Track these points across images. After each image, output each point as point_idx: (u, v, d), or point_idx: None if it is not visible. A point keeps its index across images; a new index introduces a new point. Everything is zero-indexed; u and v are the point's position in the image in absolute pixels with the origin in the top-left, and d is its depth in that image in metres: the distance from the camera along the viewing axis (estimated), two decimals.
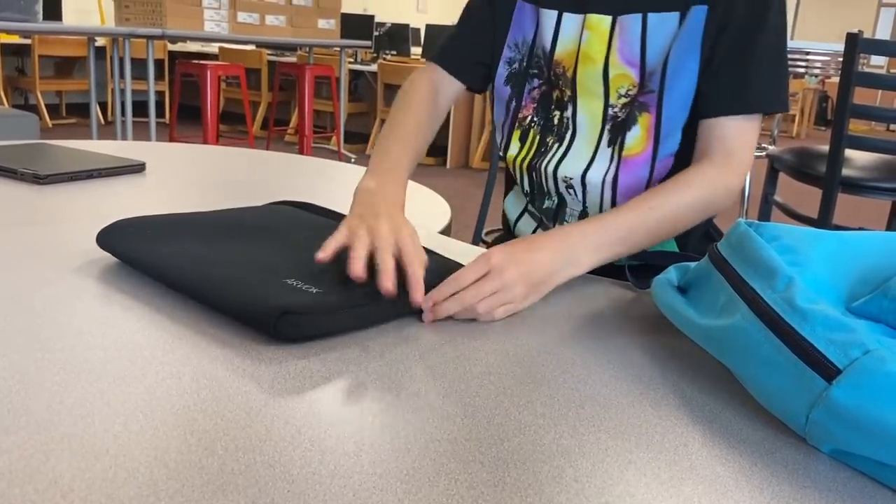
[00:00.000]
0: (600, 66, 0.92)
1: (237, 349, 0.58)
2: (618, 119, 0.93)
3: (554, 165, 0.97)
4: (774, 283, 0.54)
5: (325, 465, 0.43)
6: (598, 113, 0.94)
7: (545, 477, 0.44)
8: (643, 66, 0.91)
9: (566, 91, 0.96)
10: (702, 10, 0.88)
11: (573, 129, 0.96)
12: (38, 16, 3.39)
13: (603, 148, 0.94)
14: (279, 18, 4.52)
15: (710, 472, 0.46)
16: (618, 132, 0.93)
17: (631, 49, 0.91)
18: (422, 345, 0.62)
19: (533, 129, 0.99)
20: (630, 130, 0.92)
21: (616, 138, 0.93)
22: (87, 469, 0.41)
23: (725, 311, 0.57)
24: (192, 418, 0.47)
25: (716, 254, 0.63)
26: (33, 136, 3.26)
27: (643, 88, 0.91)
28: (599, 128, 0.94)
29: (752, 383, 0.54)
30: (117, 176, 1.15)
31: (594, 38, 0.92)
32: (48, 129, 6.48)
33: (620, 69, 0.91)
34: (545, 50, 0.96)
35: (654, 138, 0.92)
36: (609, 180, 0.94)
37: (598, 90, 0.93)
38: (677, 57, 0.89)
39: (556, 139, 0.97)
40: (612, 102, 0.93)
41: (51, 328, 0.59)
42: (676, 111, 0.90)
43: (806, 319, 0.50)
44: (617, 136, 0.93)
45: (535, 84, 0.99)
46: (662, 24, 0.89)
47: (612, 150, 0.94)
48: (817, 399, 0.47)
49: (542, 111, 0.98)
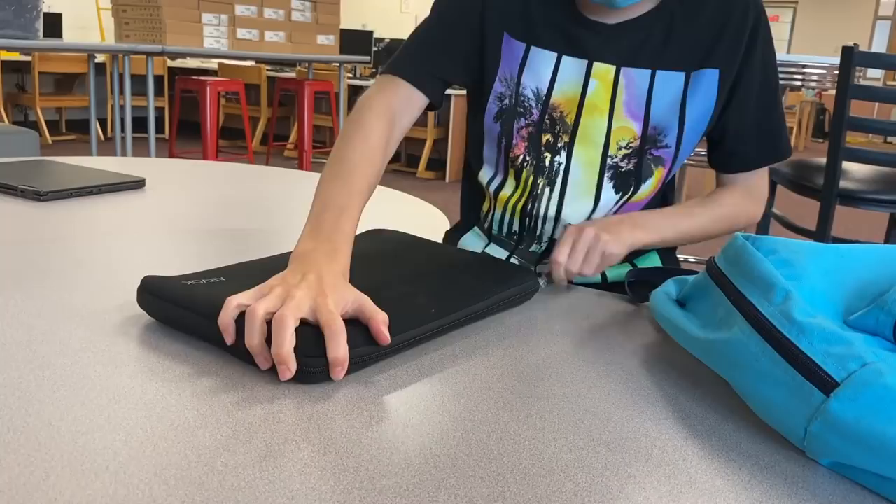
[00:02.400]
0: (605, 116, 0.91)
1: (236, 365, 0.58)
2: (620, 169, 0.93)
3: (555, 209, 0.95)
4: (772, 296, 0.54)
5: (324, 482, 0.43)
6: (595, 161, 0.93)
7: (545, 491, 0.44)
8: (646, 121, 0.91)
9: (563, 137, 0.93)
10: (713, 73, 0.90)
11: (564, 174, 0.94)
12: (38, 33, 3.41)
13: (607, 195, 0.94)
14: (278, 34, 4.54)
15: (710, 486, 0.46)
16: (627, 182, 0.94)
17: (637, 103, 0.91)
18: (421, 361, 0.62)
19: (526, 170, 0.95)
20: (645, 182, 0.94)
21: (627, 188, 0.94)
22: (86, 486, 0.41)
23: (723, 325, 0.58)
24: (191, 434, 0.47)
25: (714, 267, 0.63)
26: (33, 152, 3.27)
27: (655, 143, 0.92)
28: (597, 176, 0.93)
29: (750, 396, 0.54)
30: (117, 192, 1.15)
31: (601, 87, 0.91)
32: (48, 145, 6.50)
33: (624, 122, 0.91)
34: (539, 91, 0.93)
35: (661, 186, 0.96)
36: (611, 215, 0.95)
37: (599, 140, 0.92)
38: (693, 118, 0.91)
39: (548, 182, 0.95)
40: (611, 153, 0.92)
41: (50, 345, 0.59)
42: (682, 160, 0.96)
43: (803, 332, 0.50)
44: (627, 186, 0.94)
45: (522, 123, 0.95)
46: (669, 82, 0.90)
47: (619, 197, 0.94)
48: (815, 412, 0.47)
49: (534, 152, 0.95)
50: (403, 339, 0.61)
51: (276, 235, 0.95)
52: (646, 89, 0.90)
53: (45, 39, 3.78)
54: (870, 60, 2.04)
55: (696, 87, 0.90)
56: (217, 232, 0.96)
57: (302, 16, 4.67)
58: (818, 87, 2.92)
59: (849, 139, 2.02)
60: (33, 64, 6.38)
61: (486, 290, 0.72)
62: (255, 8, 4.40)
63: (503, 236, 1.01)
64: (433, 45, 0.95)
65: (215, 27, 4.20)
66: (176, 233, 0.94)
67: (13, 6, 3.25)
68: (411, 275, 0.74)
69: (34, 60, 6.35)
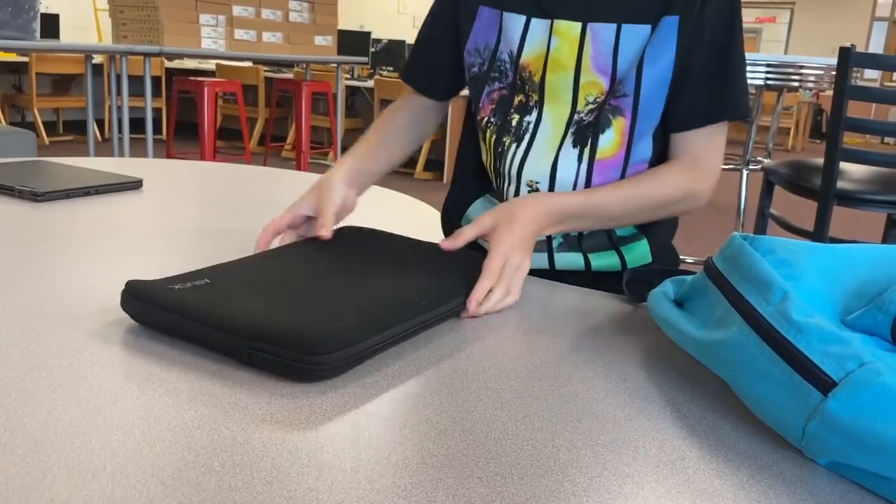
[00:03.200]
0: (571, 72, 0.92)
1: (234, 365, 0.58)
2: (582, 122, 0.93)
3: (517, 168, 0.96)
4: (769, 295, 0.54)
5: (322, 482, 0.43)
6: (563, 118, 0.94)
7: (543, 492, 0.44)
8: (614, 74, 0.91)
9: (533, 96, 0.95)
10: (673, 19, 0.89)
11: (532, 133, 0.95)
12: (35, 34, 3.41)
13: (567, 149, 0.94)
14: (276, 35, 4.54)
15: (708, 486, 0.46)
16: (584, 134, 0.93)
17: (604, 58, 0.91)
18: (419, 360, 0.62)
19: (489, 130, 0.99)
20: (604, 133, 0.93)
21: (585, 140, 0.93)
22: (83, 486, 0.41)
23: (721, 325, 0.58)
24: (189, 435, 0.47)
25: (712, 267, 0.63)
26: (30, 153, 3.26)
27: (616, 93, 0.92)
28: (562, 131, 0.94)
29: (748, 396, 0.54)
30: (114, 193, 1.15)
31: (564, 44, 0.92)
32: (45, 146, 6.49)
33: (592, 77, 0.92)
34: (511, 54, 0.96)
35: (627, 142, 0.94)
36: (581, 183, 0.94)
37: (567, 96, 0.93)
38: (651, 63, 0.90)
39: (514, 139, 0.96)
40: (579, 109, 0.93)
41: (47, 345, 0.59)
42: (649, 116, 0.93)
43: (801, 332, 0.50)
44: (585, 139, 0.93)
45: (494, 87, 0.98)
46: (635, 35, 0.90)
47: (578, 152, 0.94)
48: (814, 412, 0.47)
49: (500, 113, 0.98)
50: (400, 331, 0.63)
51: None
52: (612, 44, 0.91)
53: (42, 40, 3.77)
54: (867, 61, 2.05)
55: (657, 35, 0.89)
56: (214, 232, 0.96)
57: (300, 16, 4.67)
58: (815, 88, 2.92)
59: (846, 140, 2.02)
60: (30, 65, 6.37)
61: (469, 283, 0.74)
62: (252, 9, 4.40)
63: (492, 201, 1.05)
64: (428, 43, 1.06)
65: (213, 28, 4.20)
66: (173, 233, 0.94)
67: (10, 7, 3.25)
68: (392, 270, 0.75)
69: (31, 61, 6.35)
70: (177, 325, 0.61)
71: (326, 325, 0.59)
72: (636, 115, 0.92)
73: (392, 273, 0.74)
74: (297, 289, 0.67)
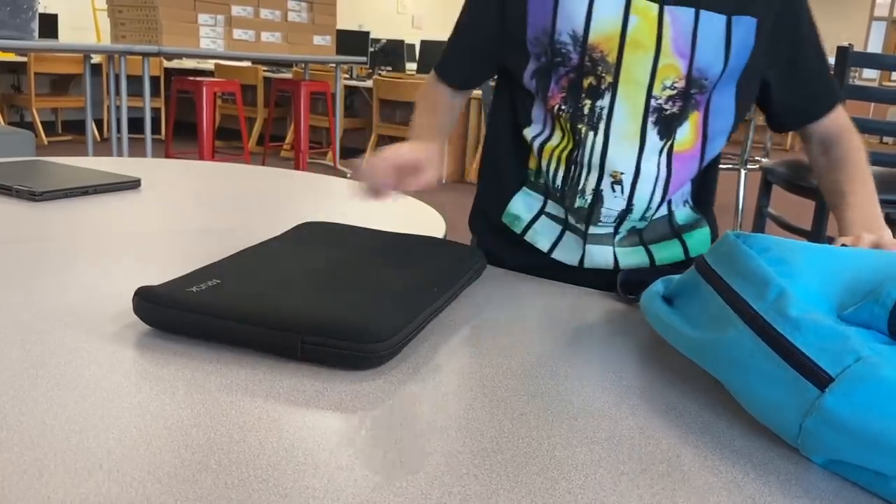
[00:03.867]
0: (651, 52, 0.89)
1: (231, 364, 0.58)
2: (664, 112, 0.91)
3: (599, 158, 0.92)
4: (766, 292, 0.54)
5: (318, 479, 0.43)
6: (639, 102, 0.91)
7: (538, 489, 0.44)
8: (692, 60, 0.90)
9: (606, 77, 0.91)
10: (751, 21, 0.89)
11: (608, 119, 0.92)
12: (34, 34, 3.40)
13: (653, 140, 0.92)
14: (275, 35, 4.54)
15: (703, 483, 0.46)
16: (670, 126, 0.92)
17: (684, 41, 0.89)
18: (415, 358, 0.62)
19: (562, 117, 0.94)
20: (682, 125, 0.92)
21: (670, 133, 0.92)
22: (80, 484, 0.41)
23: (716, 323, 0.58)
24: (185, 433, 0.47)
25: (704, 265, 0.63)
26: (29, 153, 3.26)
27: (695, 85, 0.91)
28: (641, 118, 0.91)
29: (743, 395, 0.54)
30: (113, 192, 1.15)
31: (643, 23, 0.89)
32: (44, 146, 6.49)
33: (671, 59, 0.90)
34: (574, 34, 0.91)
35: (702, 137, 0.94)
36: (663, 175, 0.93)
37: (644, 79, 0.90)
38: (733, 63, 0.91)
39: (590, 128, 0.92)
40: (655, 93, 0.90)
41: (44, 344, 0.59)
42: (721, 115, 0.94)
43: (798, 329, 0.50)
44: (671, 131, 0.92)
45: (560, 72, 0.94)
46: (711, 23, 0.89)
47: (662, 144, 0.92)
48: (810, 408, 0.47)
49: (572, 100, 0.93)
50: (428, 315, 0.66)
51: (272, 234, 0.95)
52: (691, 27, 0.89)
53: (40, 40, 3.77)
54: (865, 61, 2.05)
55: (736, 33, 0.90)
56: (213, 232, 0.96)
57: (298, 16, 4.67)
58: None
59: None
60: (29, 65, 6.37)
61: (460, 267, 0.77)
62: (251, 8, 4.41)
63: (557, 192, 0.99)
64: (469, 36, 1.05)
65: (211, 28, 4.20)
66: (171, 233, 0.94)
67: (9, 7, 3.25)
68: (386, 260, 0.76)
69: (30, 61, 6.34)
70: (208, 327, 0.60)
71: (374, 314, 0.61)
72: (708, 110, 0.93)
73: (388, 263, 0.75)
74: (314, 282, 0.68)
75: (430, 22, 10.85)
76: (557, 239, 1.00)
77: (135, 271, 0.78)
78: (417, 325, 0.64)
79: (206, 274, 0.68)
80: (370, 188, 0.83)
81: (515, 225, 1.02)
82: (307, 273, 0.70)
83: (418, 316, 0.64)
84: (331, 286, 0.67)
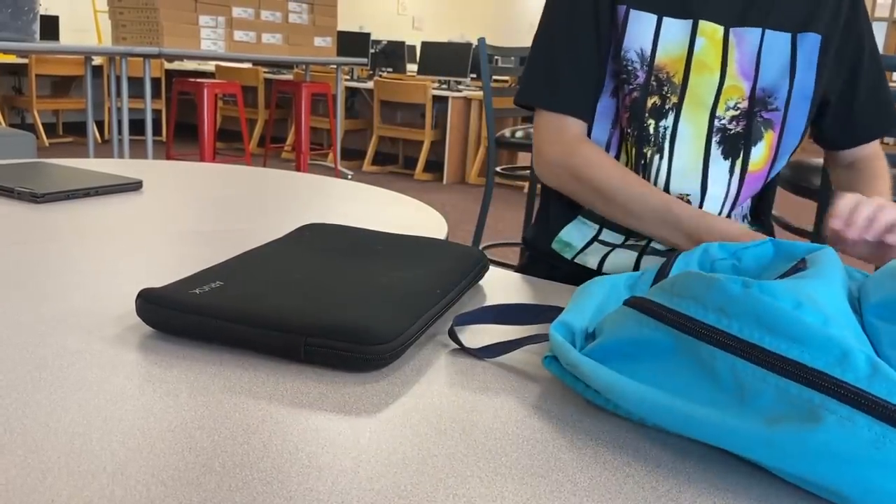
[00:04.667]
0: (717, 75, 0.90)
1: (234, 366, 0.58)
2: (728, 132, 0.91)
3: (664, 181, 0.92)
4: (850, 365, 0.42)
5: (322, 482, 0.43)
6: (703, 123, 0.91)
7: (543, 492, 0.44)
8: (755, 81, 0.91)
9: (671, 98, 0.91)
10: (815, 38, 0.90)
11: (672, 140, 0.91)
12: (35, 35, 3.41)
13: (717, 161, 0.91)
14: (276, 36, 4.55)
15: (708, 486, 0.46)
16: (736, 146, 0.91)
17: (749, 62, 0.90)
18: (418, 360, 0.62)
19: (628, 141, 0.93)
20: (755, 146, 0.92)
21: (736, 152, 0.91)
22: (84, 487, 0.41)
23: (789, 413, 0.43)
24: (189, 435, 0.47)
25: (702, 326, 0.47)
26: (30, 154, 3.27)
27: (759, 104, 0.91)
28: (705, 139, 0.91)
29: (859, 494, 0.41)
30: (114, 194, 1.15)
31: (710, 46, 0.90)
32: (45, 147, 6.50)
33: (735, 81, 0.90)
34: (642, 53, 0.91)
35: (773, 156, 0.94)
36: (732, 196, 0.93)
37: (709, 100, 0.91)
38: (800, 80, 0.91)
39: (656, 151, 0.92)
40: (719, 114, 0.91)
41: (47, 346, 0.59)
42: (794, 132, 0.94)
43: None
44: (737, 150, 0.91)
45: (626, 91, 0.93)
46: (776, 42, 0.90)
47: (730, 164, 0.92)
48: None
49: (636, 121, 0.93)
50: (431, 316, 0.66)
51: (273, 236, 0.95)
52: (756, 48, 0.90)
53: (41, 42, 3.77)
54: None
55: (802, 51, 0.90)
56: (214, 233, 0.96)
57: (299, 18, 4.67)
58: None
59: None
60: (30, 66, 6.38)
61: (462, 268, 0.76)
62: (252, 10, 4.41)
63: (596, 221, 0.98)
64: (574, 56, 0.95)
65: (212, 29, 4.20)
66: (173, 234, 0.94)
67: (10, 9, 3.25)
68: (387, 261, 0.76)
69: (31, 63, 6.35)
70: (211, 329, 0.60)
71: (377, 316, 0.60)
72: (783, 130, 0.93)
73: (391, 265, 0.75)
74: (317, 284, 0.68)
75: (431, 23, 10.86)
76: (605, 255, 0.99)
77: (137, 273, 0.78)
78: (421, 326, 0.63)
79: (209, 276, 0.68)
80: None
81: (566, 251, 1.01)
82: (310, 275, 0.70)
83: (421, 318, 0.64)
84: (334, 288, 0.67)
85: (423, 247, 0.82)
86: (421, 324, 0.64)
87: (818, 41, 0.91)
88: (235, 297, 0.63)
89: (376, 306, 0.63)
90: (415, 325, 0.62)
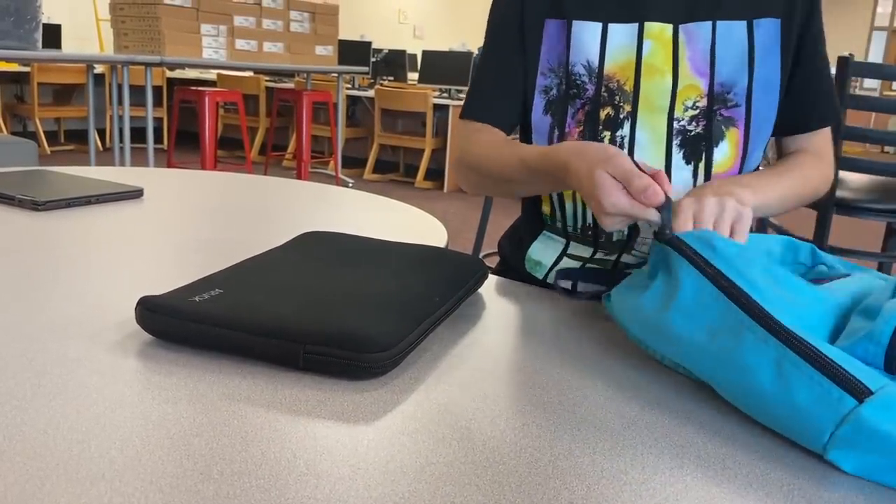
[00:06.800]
0: (669, 76, 0.88)
1: (233, 374, 0.58)
2: (689, 133, 0.89)
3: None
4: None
5: (320, 490, 0.43)
6: (660, 127, 0.89)
7: (540, 500, 0.44)
8: (712, 76, 0.88)
9: (624, 107, 0.89)
10: (773, 23, 0.87)
11: (630, 149, 0.89)
12: (37, 44, 3.42)
13: (679, 166, 0.89)
14: (277, 45, 4.56)
15: (705, 493, 0.46)
16: (697, 148, 0.89)
17: (703, 58, 0.88)
18: (417, 368, 0.62)
19: None
20: (717, 146, 0.89)
21: (698, 154, 0.89)
22: (82, 494, 0.41)
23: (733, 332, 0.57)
24: (187, 442, 0.47)
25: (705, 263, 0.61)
26: (32, 162, 3.27)
27: (718, 101, 0.88)
28: (665, 143, 0.89)
29: (755, 400, 0.54)
30: (115, 202, 1.15)
31: (658, 47, 0.87)
32: (46, 155, 6.51)
33: (690, 80, 0.88)
34: (589, 65, 0.89)
35: (741, 154, 0.91)
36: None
37: (664, 103, 0.88)
38: (761, 71, 0.88)
39: None
40: (677, 115, 0.88)
41: (46, 354, 0.59)
42: (762, 124, 0.91)
43: (829, 350, 0.52)
44: (698, 153, 0.89)
45: (577, 105, 0.91)
46: (731, 32, 0.87)
47: (693, 168, 0.89)
48: (845, 417, 0.48)
49: (589, 134, 0.91)
50: (430, 324, 0.66)
51: (273, 244, 0.95)
52: (710, 42, 0.87)
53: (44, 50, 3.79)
54: (866, 71, 2.05)
55: (759, 38, 0.87)
56: (215, 241, 0.96)
57: (300, 26, 4.69)
58: None
59: (846, 149, 2.02)
60: (32, 74, 6.40)
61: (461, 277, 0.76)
62: (253, 19, 4.42)
63: (579, 233, 0.96)
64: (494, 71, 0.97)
65: (214, 38, 4.22)
66: (174, 242, 0.94)
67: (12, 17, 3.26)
68: (385, 270, 0.76)
69: (33, 71, 6.37)
70: (210, 336, 0.60)
71: (376, 324, 0.61)
72: (749, 125, 0.90)
73: (390, 273, 0.75)
74: (316, 292, 0.68)
75: (432, 32, 10.89)
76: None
77: (137, 281, 0.78)
78: (419, 334, 0.64)
79: (209, 283, 0.68)
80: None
81: (537, 271, 1.01)
82: (309, 283, 0.70)
83: (420, 325, 0.64)
84: (333, 296, 0.67)
85: (422, 255, 0.82)
86: (420, 332, 0.64)
87: (777, 25, 0.87)
88: (235, 305, 0.63)
89: (375, 315, 0.63)
90: (413, 333, 0.62)
